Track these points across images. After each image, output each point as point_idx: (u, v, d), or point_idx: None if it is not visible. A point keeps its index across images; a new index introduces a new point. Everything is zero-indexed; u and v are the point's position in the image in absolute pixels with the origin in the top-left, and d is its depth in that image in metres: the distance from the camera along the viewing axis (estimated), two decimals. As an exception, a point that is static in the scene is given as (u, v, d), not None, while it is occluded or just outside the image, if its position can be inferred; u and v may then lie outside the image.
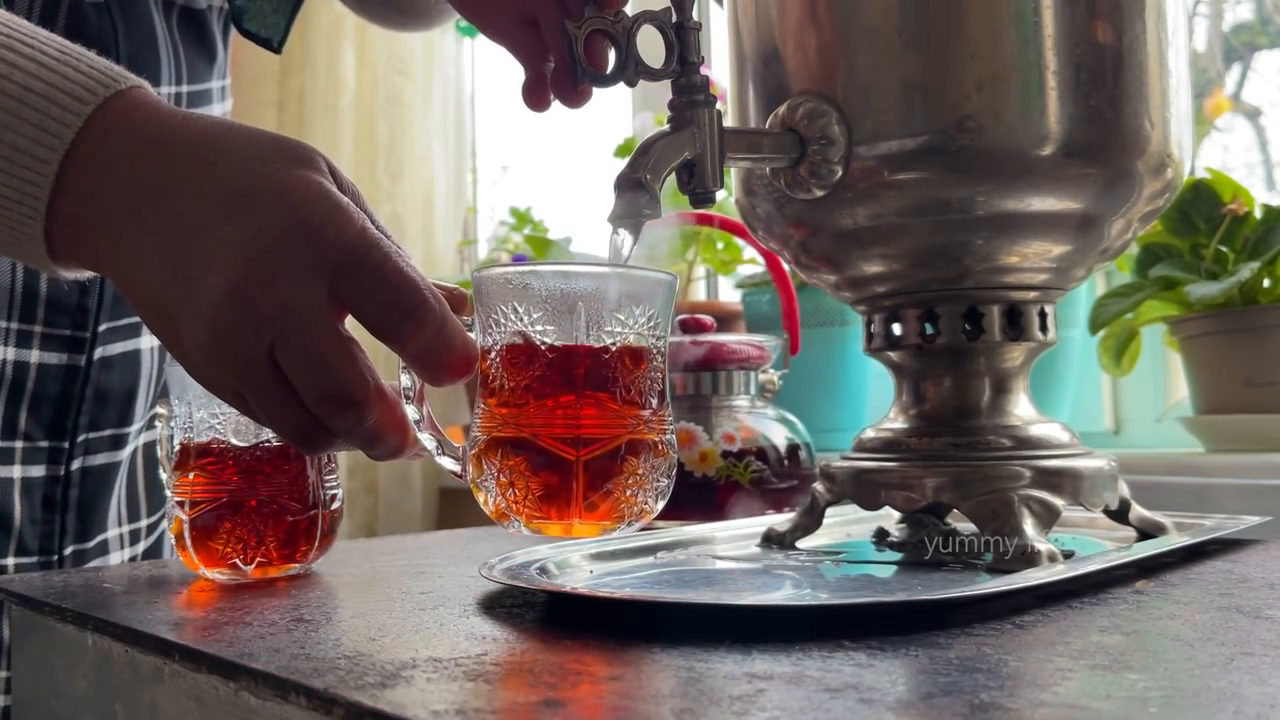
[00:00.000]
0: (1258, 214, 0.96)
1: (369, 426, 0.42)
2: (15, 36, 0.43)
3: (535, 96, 0.58)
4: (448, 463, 0.46)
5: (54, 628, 0.49)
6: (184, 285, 0.40)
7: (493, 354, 0.44)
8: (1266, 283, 0.93)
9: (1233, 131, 1.28)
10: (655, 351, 0.45)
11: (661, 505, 0.46)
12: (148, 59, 0.69)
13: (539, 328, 0.43)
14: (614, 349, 0.43)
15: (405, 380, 0.45)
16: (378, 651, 0.36)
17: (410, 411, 0.45)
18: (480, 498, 0.45)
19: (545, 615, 0.42)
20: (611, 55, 0.52)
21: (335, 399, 0.41)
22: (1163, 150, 0.52)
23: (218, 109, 0.78)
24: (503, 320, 0.44)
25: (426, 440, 0.46)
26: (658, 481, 0.45)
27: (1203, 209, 0.97)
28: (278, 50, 0.72)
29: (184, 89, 0.73)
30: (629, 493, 0.44)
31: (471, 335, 0.44)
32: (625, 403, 0.44)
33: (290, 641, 0.39)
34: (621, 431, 0.43)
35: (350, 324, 0.43)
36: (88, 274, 0.47)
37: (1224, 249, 0.96)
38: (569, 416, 0.43)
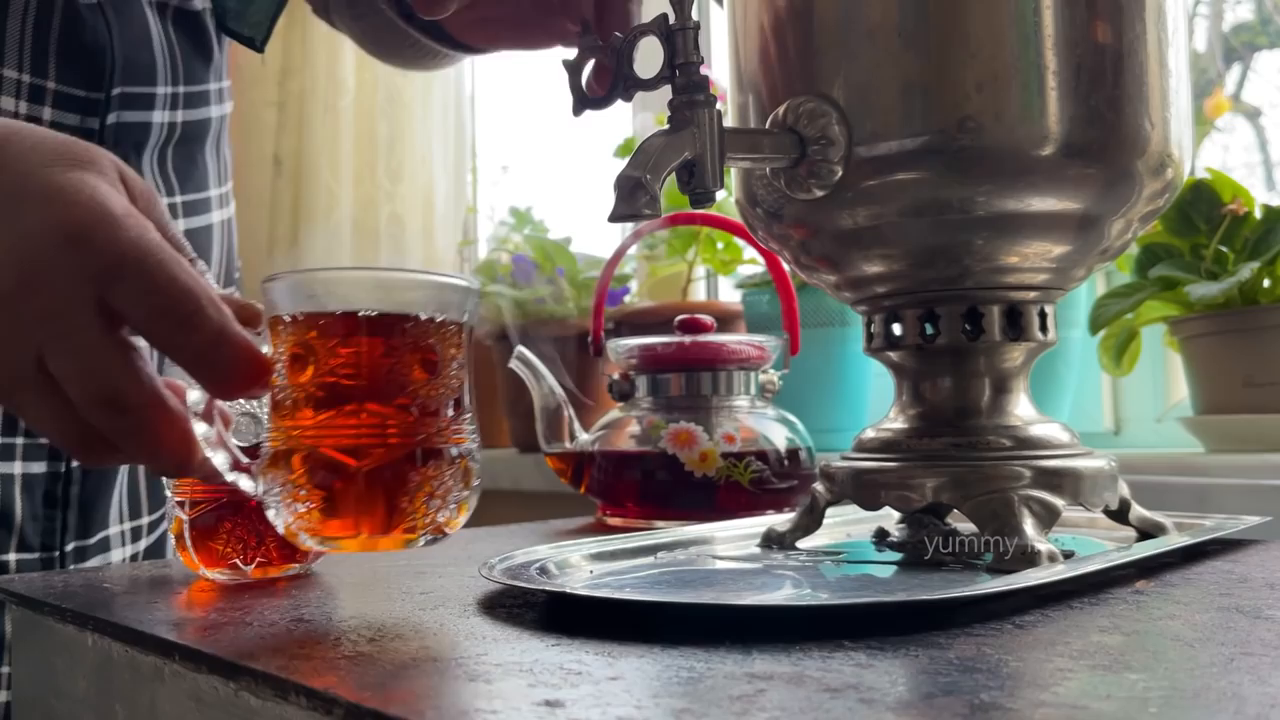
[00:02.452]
0: (1258, 214, 0.96)
1: (148, 436, 0.41)
2: None
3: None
4: (243, 481, 0.44)
5: (54, 628, 0.49)
6: None
7: (279, 365, 0.43)
8: (1266, 283, 0.93)
9: (1233, 131, 1.28)
10: (450, 359, 0.44)
11: (463, 518, 0.44)
12: (142, 59, 0.69)
13: (325, 337, 0.42)
14: (401, 357, 0.42)
15: (194, 395, 0.44)
16: (378, 651, 0.36)
17: (200, 428, 0.43)
18: (270, 515, 0.43)
19: (545, 615, 0.42)
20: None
21: (107, 404, 0.40)
22: (1163, 150, 0.52)
23: (215, 110, 0.78)
24: (285, 329, 0.43)
25: (217, 458, 0.44)
26: (455, 493, 0.43)
27: (1203, 209, 0.97)
28: (260, 49, 0.72)
29: (180, 90, 0.73)
30: (420, 504, 0.42)
31: (267, 349, 0.43)
32: (413, 412, 0.42)
33: (290, 641, 0.39)
34: (408, 441, 0.42)
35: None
36: None
37: (1224, 249, 0.96)
38: (350, 426, 0.41)
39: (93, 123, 0.68)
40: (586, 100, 0.52)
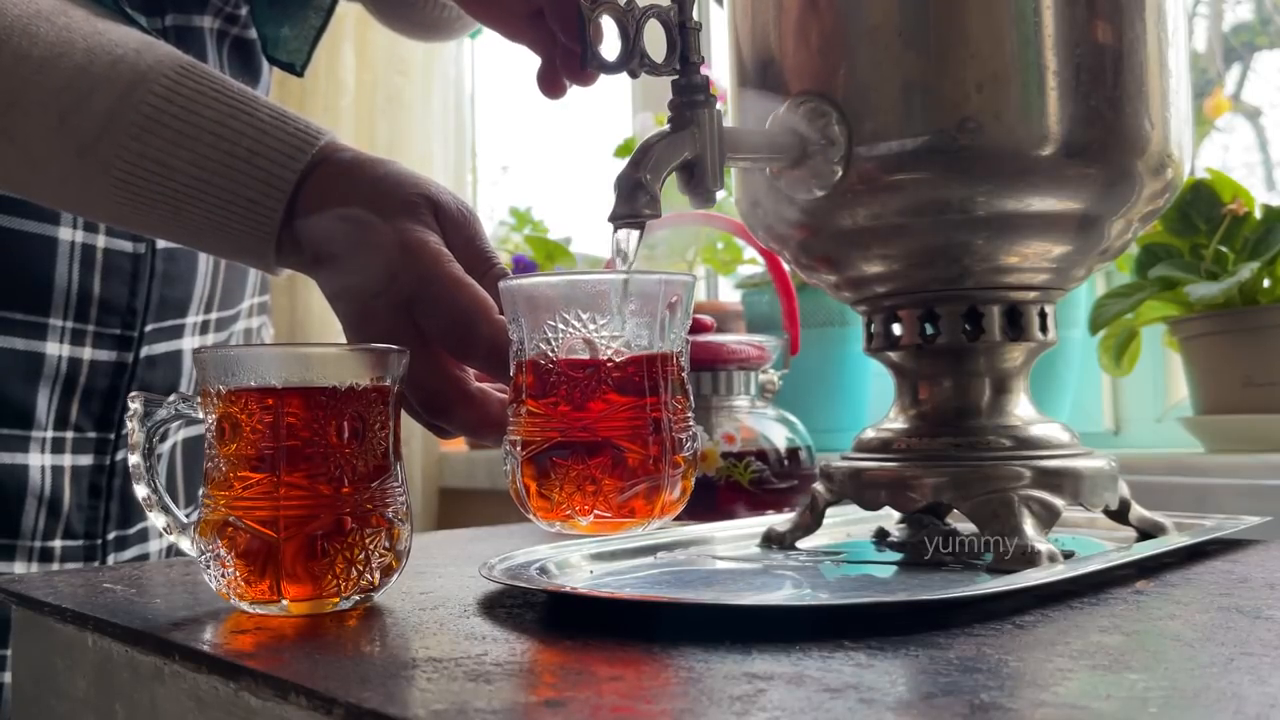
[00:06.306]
0: (1258, 214, 0.96)
1: (456, 418, 0.52)
2: (236, 105, 0.54)
3: (550, 84, 0.60)
4: (184, 543, 0.47)
5: (54, 628, 0.49)
6: (341, 303, 0.54)
7: (209, 435, 0.46)
8: (1266, 283, 0.93)
9: (1233, 131, 1.28)
10: (374, 424, 0.45)
11: (392, 579, 0.46)
12: None
13: (246, 411, 0.44)
14: (320, 428, 0.44)
15: (134, 459, 0.48)
16: (378, 651, 0.36)
17: (141, 491, 0.48)
18: (205, 577, 0.46)
19: (545, 615, 0.42)
20: (618, 43, 0.52)
21: (425, 402, 0.52)
22: (1163, 150, 0.52)
23: None
24: (212, 401, 0.45)
25: (158, 520, 0.48)
26: (379, 556, 0.45)
27: (1203, 209, 0.97)
28: (300, 74, 0.78)
29: None
30: (341, 570, 0.44)
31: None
32: (331, 480, 0.44)
33: (290, 642, 0.39)
34: (327, 513, 0.44)
35: None
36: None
37: (1224, 249, 0.96)
38: (270, 497, 0.43)
39: None
40: (597, 57, 0.50)
